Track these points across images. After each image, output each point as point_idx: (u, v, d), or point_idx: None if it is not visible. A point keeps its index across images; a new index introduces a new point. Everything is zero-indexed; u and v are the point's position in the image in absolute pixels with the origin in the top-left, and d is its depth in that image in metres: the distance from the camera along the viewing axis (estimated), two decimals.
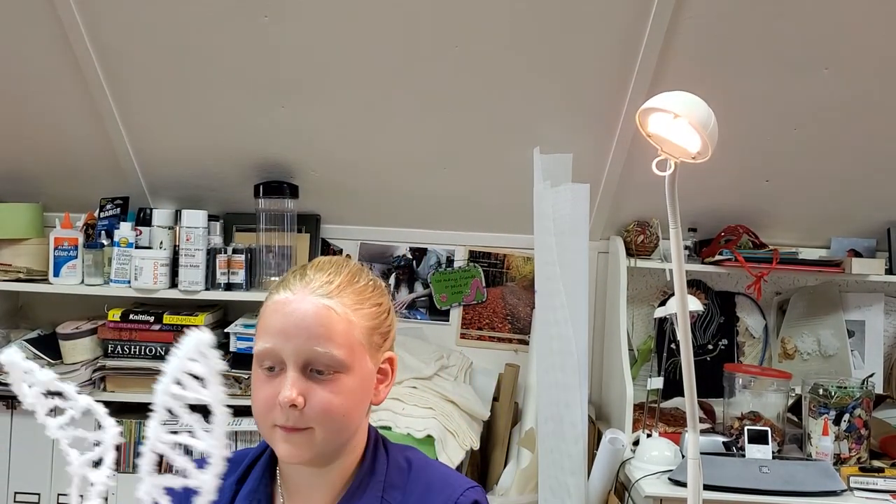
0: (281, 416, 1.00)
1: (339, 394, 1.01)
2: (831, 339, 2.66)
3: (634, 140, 2.35)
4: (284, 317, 1.02)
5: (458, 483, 1.10)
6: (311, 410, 1.00)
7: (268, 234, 2.53)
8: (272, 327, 1.02)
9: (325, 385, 1.01)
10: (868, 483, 2.08)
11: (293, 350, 1.00)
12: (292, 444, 1.01)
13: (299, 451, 1.01)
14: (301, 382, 1.00)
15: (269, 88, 2.30)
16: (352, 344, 1.03)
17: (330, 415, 1.01)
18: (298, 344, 1.00)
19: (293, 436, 1.00)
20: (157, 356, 2.38)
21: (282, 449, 1.02)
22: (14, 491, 2.37)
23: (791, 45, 2.10)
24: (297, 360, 1.00)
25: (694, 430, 1.41)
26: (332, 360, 1.01)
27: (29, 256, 2.49)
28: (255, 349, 1.04)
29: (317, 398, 1.00)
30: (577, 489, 2.10)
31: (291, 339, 1.00)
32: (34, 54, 2.23)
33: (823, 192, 2.54)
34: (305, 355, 1.00)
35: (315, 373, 1.01)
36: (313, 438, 1.01)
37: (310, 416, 1.00)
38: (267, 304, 1.05)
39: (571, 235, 2.18)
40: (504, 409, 2.54)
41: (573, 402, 2.10)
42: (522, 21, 2.09)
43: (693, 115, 1.22)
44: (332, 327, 1.02)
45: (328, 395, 1.01)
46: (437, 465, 1.15)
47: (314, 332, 1.00)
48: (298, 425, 1.00)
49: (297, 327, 1.00)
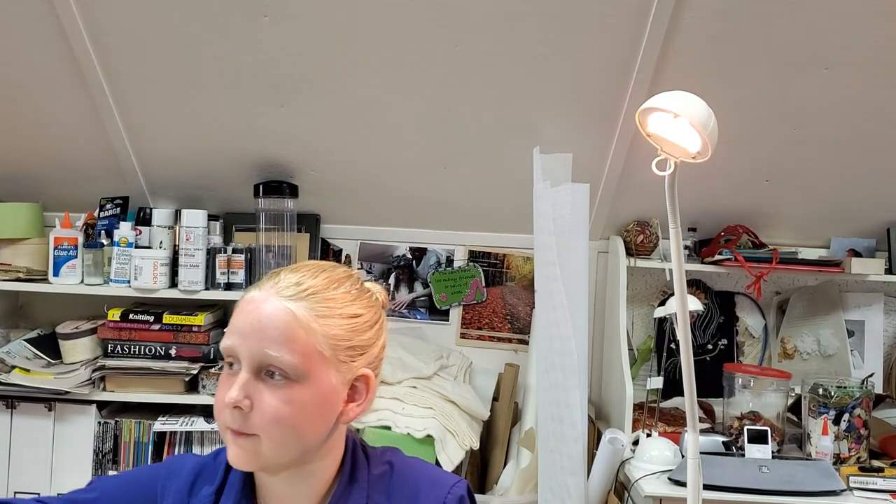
0: (229, 417, 0.97)
1: (289, 403, 0.96)
2: (831, 338, 2.66)
3: (634, 140, 2.35)
4: (245, 315, 0.99)
5: (444, 481, 1.08)
6: (256, 416, 0.96)
7: (267, 234, 2.53)
8: (234, 324, 1.00)
9: (275, 391, 0.96)
10: (868, 483, 2.08)
11: (247, 350, 0.97)
12: (239, 448, 0.97)
13: (246, 458, 0.97)
14: (251, 385, 0.96)
15: (268, 88, 2.30)
16: (309, 353, 0.98)
17: (277, 424, 0.96)
18: (252, 344, 0.97)
19: (240, 440, 0.97)
20: (156, 356, 2.38)
21: (230, 453, 0.98)
22: (14, 490, 2.37)
23: (791, 45, 2.10)
24: (250, 361, 0.97)
25: (694, 429, 1.41)
26: (285, 366, 0.96)
27: (29, 256, 2.49)
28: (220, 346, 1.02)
29: (265, 404, 0.96)
30: (576, 489, 2.10)
31: (247, 339, 0.97)
32: (34, 54, 2.23)
33: (823, 191, 2.54)
34: (258, 357, 0.97)
35: (269, 376, 0.97)
36: (259, 445, 0.97)
37: (255, 422, 0.96)
38: (239, 301, 1.03)
39: (571, 235, 2.18)
40: (504, 409, 2.54)
41: (573, 402, 2.10)
42: (523, 21, 2.09)
43: (693, 115, 1.23)
44: (288, 332, 0.97)
45: (276, 403, 0.96)
46: (418, 465, 1.12)
47: (268, 334, 0.97)
48: (243, 430, 0.96)
49: (253, 328, 0.97)
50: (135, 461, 2.36)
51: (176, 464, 1.11)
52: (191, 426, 2.33)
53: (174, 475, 1.08)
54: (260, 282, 1.03)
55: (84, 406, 2.37)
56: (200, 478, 1.08)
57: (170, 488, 1.07)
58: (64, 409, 2.37)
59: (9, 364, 2.37)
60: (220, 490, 1.06)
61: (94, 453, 2.37)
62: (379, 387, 1.10)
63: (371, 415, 2.23)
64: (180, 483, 1.07)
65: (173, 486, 1.07)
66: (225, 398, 0.96)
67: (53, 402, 2.36)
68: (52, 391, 2.32)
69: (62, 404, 2.37)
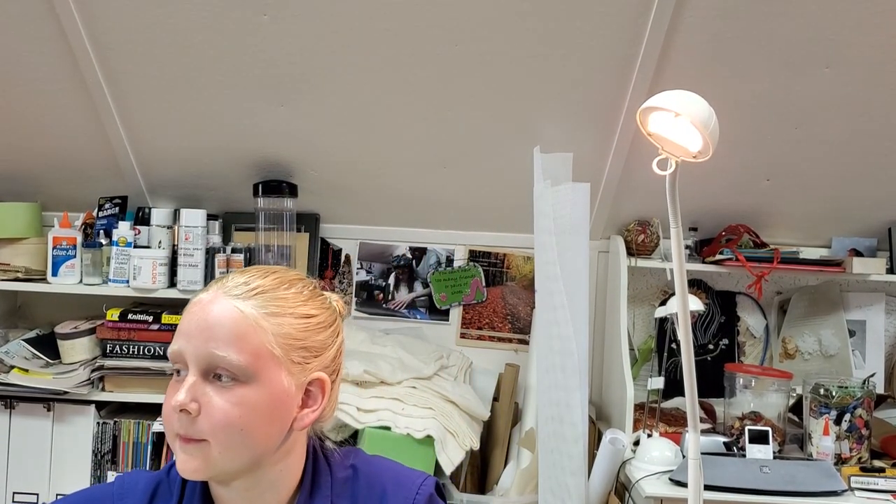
0: (178, 423, 0.93)
1: (238, 405, 0.93)
2: (832, 338, 2.66)
3: (635, 139, 2.34)
4: (190, 316, 0.96)
5: (410, 480, 1.05)
6: (205, 420, 0.92)
7: (267, 234, 2.53)
8: (180, 328, 0.96)
9: (223, 393, 0.93)
10: (869, 483, 2.07)
11: (193, 352, 0.94)
12: (188, 455, 0.93)
13: (195, 465, 0.93)
14: (198, 388, 0.93)
15: (268, 87, 2.30)
16: (259, 352, 0.95)
17: (225, 427, 0.92)
18: (198, 345, 0.94)
19: (189, 447, 0.93)
20: (155, 356, 2.37)
21: (179, 461, 0.94)
22: (13, 491, 2.37)
23: (792, 45, 2.10)
24: (197, 363, 0.94)
25: (694, 430, 1.41)
26: (232, 366, 0.93)
27: (27, 256, 2.49)
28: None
29: (213, 407, 0.92)
30: (577, 489, 2.10)
31: (192, 340, 0.94)
32: (33, 53, 2.22)
33: (824, 191, 2.53)
34: (205, 358, 0.93)
35: (216, 379, 0.94)
36: (209, 452, 0.93)
37: (203, 427, 0.92)
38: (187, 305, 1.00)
39: (572, 235, 2.18)
40: (504, 409, 2.53)
41: (573, 403, 2.10)
42: (523, 20, 2.08)
43: (694, 114, 1.22)
44: (235, 330, 0.94)
45: (224, 405, 0.92)
46: (382, 466, 1.08)
47: (214, 333, 0.93)
48: (192, 435, 0.92)
49: (198, 327, 0.94)
50: (134, 461, 2.36)
51: (129, 481, 1.06)
52: None
53: (128, 493, 1.04)
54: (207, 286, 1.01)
55: (83, 406, 2.37)
56: (156, 496, 1.04)
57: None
58: (63, 409, 2.37)
59: (7, 364, 2.36)
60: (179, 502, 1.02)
61: (93, 454, 2.36)
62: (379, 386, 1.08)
63: (371, 415, 2.23)
64: (136, 502, 1.03)
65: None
66: (171, 403, 0.93)
67: (52, 402, 2.36)
68: (51, 391, 2.31)
69: (61, 404, 2.36)
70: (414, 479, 1.05)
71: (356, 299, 2.78)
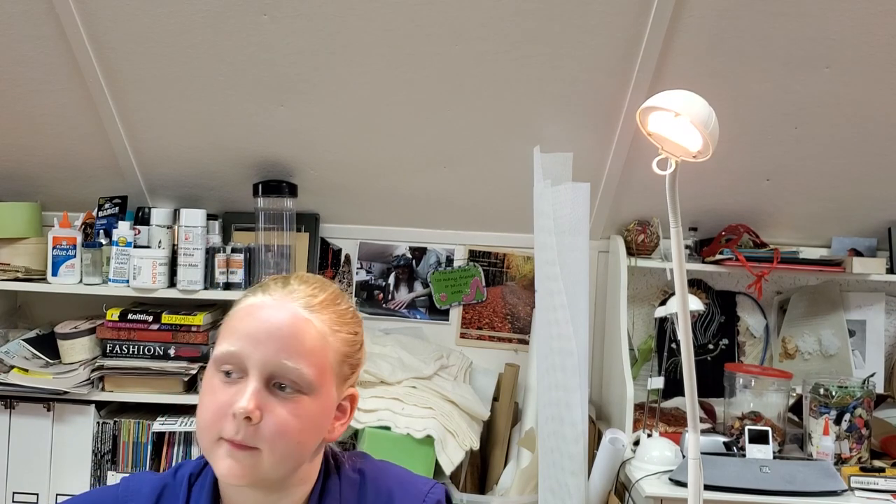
0: (231, 427, 0.90)
1: (298, 417, 0.92)
2: (832, 338, 2.66)
3: (635, 139, 2.34)
4: (258, 321, 0.94)
5: (418, 487, 1.04)
6: (264, 428, 0.91)
7: (267, 234, 2.53)
8: (241, 330, 0.94)
9: (284, 403, 0.92)
10: (869, 483, 2.07)
11: (260, 358, 0.92)
12: (236, 461, 0.91)
13: (242, 472, 0.91)
14: (261, 395, 0.91)
15: (268, 87, 2.30)
16: (323, 366, 0.95)
17: (283, 437, 0.92)
18: (267, 353, 0.92)
19: (239, 453, 0.91)
20: (155, 356, 2.37)
21: (223, 466, 0.91)
22: (12, 491, 2.37)
23: (792, 44, 2.10)
24: (261, 371, 0.92)
25: (694, 430, 1.41)
26: (300, 378, 0.92)
27: (27, 256, 2.49)
28: (216, 350, 0.94)
29: (274, 416, 0.91)
30: (577, 489, 2.10)
31: (261, 346, 0.92)
32: (32, 53, 2.22)
33: (824, 191, 2.53)
34: (272, 367, 0.92)
35: (277, 388, 0.93)
36: (259, 460, 0.91)
37: (261, 435, 0.91)
38: (239, 306, 0.97)
39: (572, 234, 2.18)
40: (504, 409, 2.53)
41: (573, 402, 2.10)
42: (522, 20, 2.08)
43: (694, 114, 1.22)
44: (308, 343, 0.94)
45: (286, 416, 0.92)
46: (390, 471, 1.08)
47: (287, 342, 0.92)
48: (247, 442, 0.91)
49: (269, 334, 0.92)
50: (133, 461, 2.36)
51: (134, 484, 1.05)
52: (190, 426, 2.33)
53: (133, 496, 1.03)
54: (263, 287, 0.99)
55: (83, 406, 2.37)
56: (162, 498, 1.03)
57: None
58: (63, 409, 2.37)
59: (7, 364, 2.36)
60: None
61: (93, 454, 2.36)
62: (379, 386, 1.09)
63: (371, 415, 2.23)
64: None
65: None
66: (233, 408, 0.90)
67: (52, 402, 2.36)
68: (51, 391, 2.31)
69: (61, 404, 2.36)
70: (421, 487, 1.05)
71: (356, 299, 2.78)
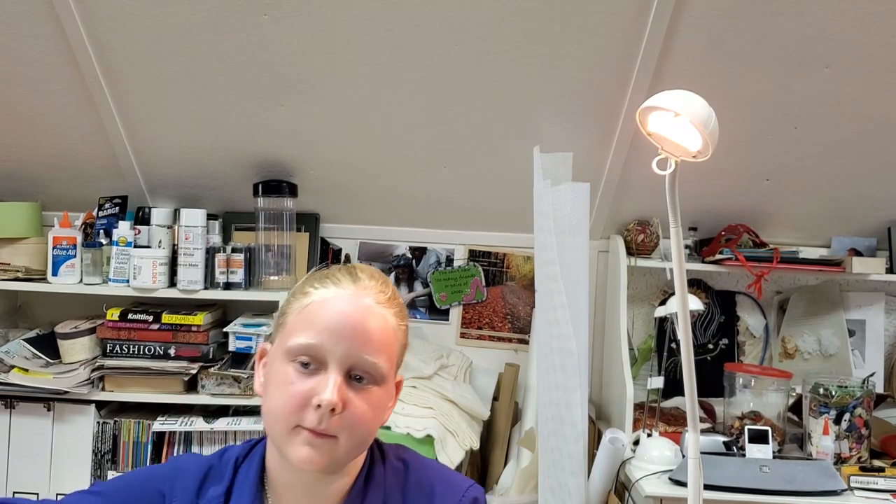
0: (313, 417, 0.94)
1: (372, 406, 0.98)
2: (832, 338, 2.66)
3: (635, 139, 2.34)
4: (338, 315, 0.98)
5: (459, 483, 1.08)
6: (345, 418, 0.95)
7: (267, 233, 2.53)
8: (319, 323, 0.97)
9: (360, 394, 0.97)
10: (868, 482, 2.07)
11: (343, 352, 0.96)
12: (315, 448, 0.95)
13: (320, 458, 0.95)
14: (342, 387, 0.96)
15: (268, 87, 2.30)
16: (392, 358, 1.02)
17: (360, 426, 0.97)
18: (350, 347, 0.96)
19: (318, 440, 0.95)
20: (155, 356, 2.37)
21: (303, 452, 0.95)
22: (13, 490, 2.37)
23: (791, 44, 2.10)
24: (343, 363, 0.96)
25: (694, 429, 1.41)
26: (376, 371, 0.98)
27: (27, 255, 2.49)
28: (291, 342, 0.98)
29: (354, 406, 0.96)
30: (577, 489, 2.10)
31: (343, 341, 0.96)
32: (33, 53, 2.22)
33: (824, 191, 2.53)
34: (353, 360, 0.97)
35: (354, 379, 0.98)
36: (336, 447, 0.96)
37: (340, 424, 0.95)
38: (310, 298, 1.00)
39: (571, 234, 2.18)
40: (504, 409, 2.53)
41: (573, 402, 2.10)
42: (522, 20, 2.08)
43: (693, 114, 1.22)
44: (385, 338, 1.00)
45: (363, 406, 0.97)
46: (432, 465, 1.12)
47: (368, 338, 0.97)
48: (327, 431, 0.95)
49: (352, 329, 0.97)
50: (134, 461, 2.36)
51: (181, 463, 1.10)
52: (190, 426, 2.33)
53: (181, 475, 1.07)
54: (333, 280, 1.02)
55: (83, 406, 2.37)
56: (208, 478, 1.07)
57: (177, 488, 1.05)
58: (63, 408, 2.37)
59: (8, 364, 2.36)
60: (229, 491, 1.05)
61: (93, 453, 2.36)
62: None
63: None
64: (187, 483, 1.06)
65: (180, 487, 1.06)
66: (319, 398, 0.94)
67: (52, 401, 2.36)
68: (51, 391, 2.31)
69: (61, 404, 2.37)
70: (461, 483, 1.08)
71: None
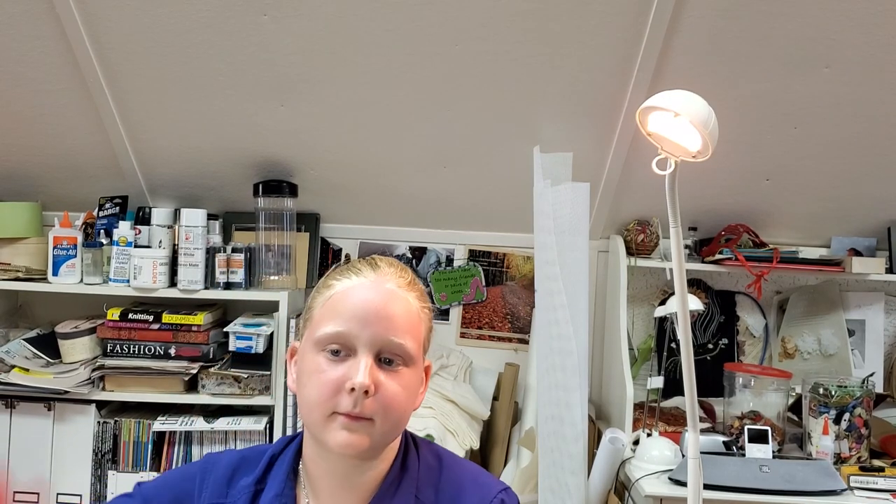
0: (348, 402, 0.97)
1: (404, 387, 1.01)
2: (832, 338, 2.66)
3: (635, 139, 2.34)
4: (362, 302, 1.01)
5: (490, 484, 1.08)
6: (379, 400, 0.98)
7: (267, 233, 2.53)
8: (345, 312, 1.00)
9: (391, 376, 1.00)
10: (868, 482, 2.07)
11: (370, 336, 0.99)
12: (353, 432, 0.97)
13: (359, 441, 0.98)
14: (374, 370, 0.98)
15: (268, 87, 2.30)
16: (419, 339, 1.04)
17: (394, 407, 0.99)
18: (377, 331, 0.99)
19: (355, 424, 0.97)
20: (156, 355, 2.37)
21: (341, 437, 0.97)
22: (13, 490, 2.37)
23: (791, 44, 2.10)
24: (371, 347, 0.99)
25: (694, 429, 1.41)
26: (404, 352, 1.01)
27: (28, 255, 2.49)
28: (319, 332, 1.00)
29: (386, 388, 0.99)
30: (577, 489, 2.10)
31: (369, 325, 0.99)
32: (33, 53, 2.22)
33: (824, 190, 2.54)
34: (381, 343, 0.99)
35: (384, 362, 1.00)
36: (373, 430, 0.98)
37: (375, 407, 0.98)
38: (333, 290, 1.03)
39: (571, 234, 2.18)
40: (504, 409, 2.53)
41: (573, 402, 2.10)
42: (523, 20, 2.08)
43: (693, 114, 1.22)
44: (409, 319, 1.03)
45: (395, 387, 1.00)
46: (465, 464, 1.13)
47: (393, 320, 1.00)
48: (362, 413, 0.97)
49: (376, 313, 1.00)
50: (134, 461, 2.36)
51: (214, 457, 1.13)
52: (190, 426, 2.33)
53: (211, 470, 1.10)
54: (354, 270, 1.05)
55: (83, 406, 2.37)
56: (239, 470, 1.10)
57: (207, 482, 1.09)
58: (63, 408, 2.37)
59: (8, 363, 2.37)
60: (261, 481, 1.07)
61: (94, 453, 2.36)
62: None
63: None
64: (217, 476, 1.09)
65: (210, 480, 1.09)
66: (352, 383, 0.96)
67: (53, 401, 2.36)
68: (52, 391, 2.31)
69: (61, 404, 2.37)
70: (494, 484, 1.08)
71: None
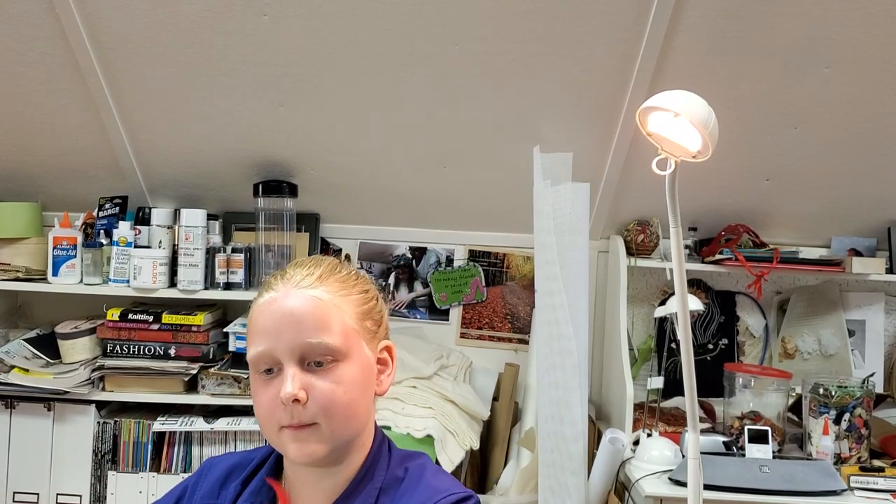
0: (285, 415, 0.97)
1: (340, 383, 0.99)
2: (832, 338, 2.66)
3: (635, 139, 2.34)
4: (272, 315, 1.00)
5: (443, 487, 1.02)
6: (314, 404, 0.97)
7: (267, 234, 2.53)
8: (261, 329, 1.00)
9: (324, 376, 0.98)
10: (868, 482, 2.07)
11: (286, 346, 0.98)
12: (302, 441, 0.98)
13: (311, 449, 0.98)
14: (301, 377, 0.97)
15: (268, 87, 2.30)
16: (345, 330, 1.01)
17: (334, 405, 0.98)
18: (290, 339, 0.98)
19: (301, 433, 0.97)
20: (156, 356, 2.37)
21: (292, 449, 0.98)
22: (13, 490, 2.37)
23: (791, 44, 2.10)
24: (292, 356, 0.98)
25: (694, 429, 1.41)
26: (327, 349, 0.99)
27: (28, 256, 2.49)
28: (248, 356, 1.01)
29: (318, 390, 0.97)
30: (577, 489, 2.10)
31: (283, 336, 0.98)
32: (33, 53, 2.22)
33: (824, 191, 2.54)
34: (300, 349, 0.98)
35: (313, 365, 0.99)
36: (321, 433, 0.98)
37: (314, 411, 0.97)
38: (253, 309, 1.04)
39: (571, 234, 2.18)
40: (504, 409, 2.53)
41: (573, 402, 2.10)
42: (522, 20, 2.08)
43: (693, 114, 1.22)
44: (320, 316, 1.00)
45: (329, 386, 0.98)
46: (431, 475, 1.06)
47: (304, 323, 0.99)
48: (304, 421, 0.97)
49: (285, 323, 0.99)
50: (134, 461, 2.36)
51: (212, 462, 1.14)
52: (190, 426, 2.33)
53: (205, 476, 1.12)
54: (267, 285, 1.04)
55: (83, 406, 2.37)
56: (234, 472, 1.11)
57: (200, 488, 1.10)
58: (63, 408, 2.37)
59: (8, 364, 2.37)
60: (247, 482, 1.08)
61: (94, 453, 2.36)
62: None
63: None
64: (211, 481, 1.10)
65: (204, 486, 1.10)
66: (280, 397, 0.96)
67: (52, 401, 2.36)
68: (52, 391, 2.31)
69: (61, 404, 2.36)
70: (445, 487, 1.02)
71: None
